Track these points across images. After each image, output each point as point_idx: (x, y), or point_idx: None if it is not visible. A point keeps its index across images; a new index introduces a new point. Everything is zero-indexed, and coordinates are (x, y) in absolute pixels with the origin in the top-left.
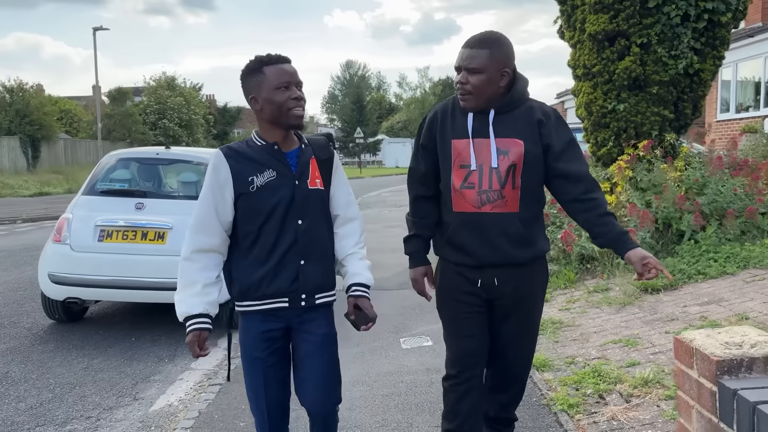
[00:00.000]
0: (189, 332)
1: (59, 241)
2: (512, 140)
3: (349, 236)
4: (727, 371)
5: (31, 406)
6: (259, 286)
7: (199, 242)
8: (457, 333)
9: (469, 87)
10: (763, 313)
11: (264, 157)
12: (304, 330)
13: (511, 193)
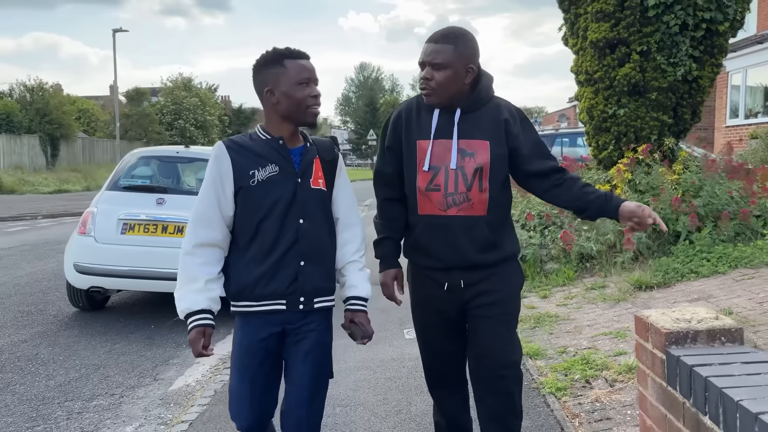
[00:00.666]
0: (191, 329)
1: (84, 234)
2: (478, 141)
3: (349, 243)
4: (675, 342)
5: (60, 383)
6: (255, 286)
7: (201, 236)
8: (426, 345)
9: (433, 83)
10: (747, 308)
11: (267, 151)
12: (297, 334)
13: (478, 195)
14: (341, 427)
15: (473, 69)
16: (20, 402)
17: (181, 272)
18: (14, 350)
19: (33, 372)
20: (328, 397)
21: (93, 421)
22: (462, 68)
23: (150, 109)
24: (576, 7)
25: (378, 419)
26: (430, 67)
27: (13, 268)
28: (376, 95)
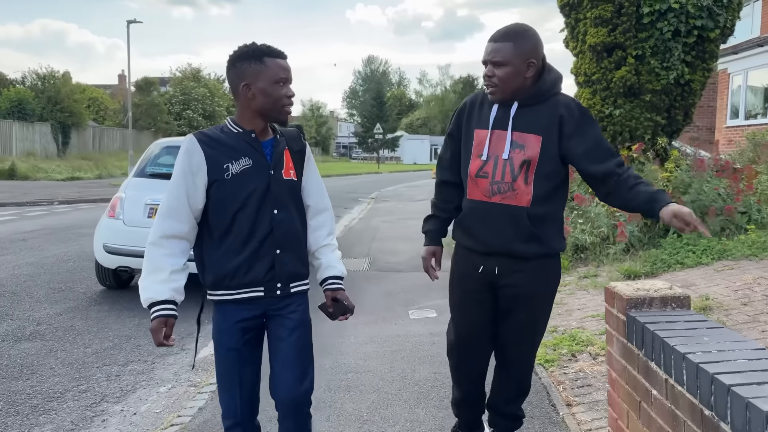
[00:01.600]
0: (153, 318)
1: (113, 217)
2: (531, 135)
3: (321, 227)
4: (634, 306)
5: (96, 351)
6: (234, 275)
7: (169, 228)
8: (458, 318)
9: (495, 80)
10: (723, 295)
11: (240, 144)
12: (279, 316)
13: (523, 187)
14: (353, 389)
15: (534, 63)
16: (63, 365)
17: (146, 262)
18: (51, 322)
19: (71, 341)
20: (340, 364)
21: (130, 383)
22: (522, 64)
23: (159, 99)
24: (576, 12)
25: (385, 383)
26: (492, 65)
27: (38, 249)
28: (383, 89)
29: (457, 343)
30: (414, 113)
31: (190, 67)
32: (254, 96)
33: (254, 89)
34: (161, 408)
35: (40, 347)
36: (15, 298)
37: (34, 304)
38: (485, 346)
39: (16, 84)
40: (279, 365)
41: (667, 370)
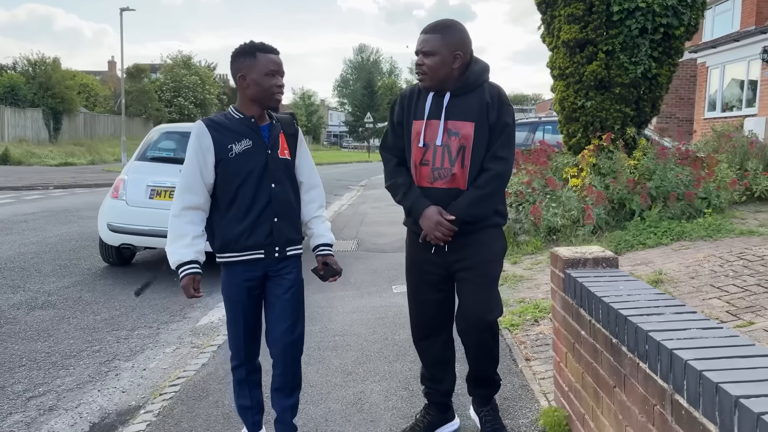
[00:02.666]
0: (183, 277)
1: (116, 197)
2: (463, 123)
3: (312, 201)
4: (571, 266)
5: (105, 318)
6: (238, 239)
7: (188, 200)
8: (414, 300)
9: (424, 68)
10: (675, 270)
11: (241, 128)
12: (277, 276)
13: (460, 171)
14: (339, 348)
15: (461, 55)
16: (76, 330)
17: (170, 231)
18: (61, 293)
19: (81, 309)
20: (328, 329)
21: (138, 345)
22: (449, 54)
23: (150, 86)
24: (552, 9)
25: (368, 344)
26: (422, 54)
27: (40, 230)
28: (375, 78)
29: (414, 330)
30: None
31: (180, 55)
32: (248, 86)
33: (248, 80)
34: (168, 365)
35: (53, 315)
36: (25, 273)
37: (43, 278)
38: (440, 324)
39: (7, 70)
40: (274, 318)
41: (590, 313)
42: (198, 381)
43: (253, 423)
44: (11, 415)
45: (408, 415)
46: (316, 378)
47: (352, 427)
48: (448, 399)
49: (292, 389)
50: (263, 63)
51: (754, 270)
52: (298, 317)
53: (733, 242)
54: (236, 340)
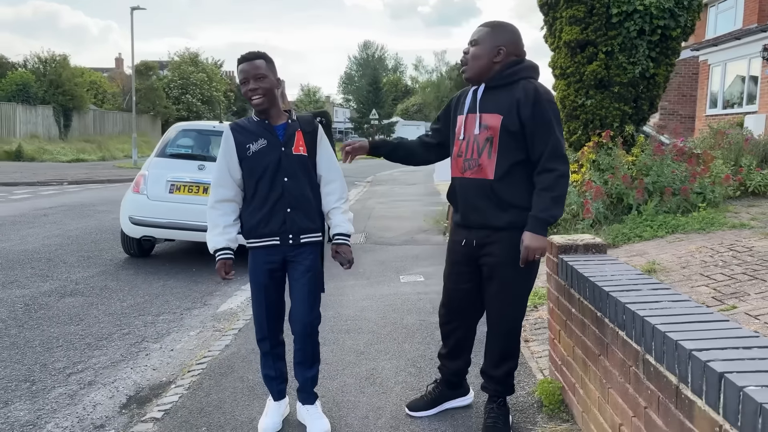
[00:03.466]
0: (217, 261)
1: (138, 192)
2: (493, 115)
3: (331, 194)
4: (564, 251)
5: (131, 305)
6: (257, 227)
7: (219, 194)
8: (447, 285)
9: (468, 56)
10: (668, 261)
11: (258, 129)
12: (294, 261)
13: (487, 161)
14: (352, 331)
15: (503, 51)
16: (105, 315)
17: (208, 222)
18: (87, 282)
19: (107, 296)
20: (341, 315)
21: (164, 328)
22: (492, 47)
23: (158, 84)
24: (554, 11)
25: (378, 327)
26: (469, 44)
27: (60, 224)
28: (379, 74)
29: (442, 306)
30: (410, 99)
31: (188, 52)
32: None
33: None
34: (193, 346)
35: (83, 302)
36: (51, 263)
37: (69, 268)
38: (465, 312)
39: (18, 67)
40: (293, 299)
41: (579, 292)
42: (223, 359)
43: (278, 391)
44: (55, 388)
45: (416, 387)
46: (331, 357)
47: (366, 397)
48: (457, 378)
49: (312, 363)
50: (239, 74)
51: (742, 260)
52: (315, 299)
53: (724, 235)
54: (259, 315)
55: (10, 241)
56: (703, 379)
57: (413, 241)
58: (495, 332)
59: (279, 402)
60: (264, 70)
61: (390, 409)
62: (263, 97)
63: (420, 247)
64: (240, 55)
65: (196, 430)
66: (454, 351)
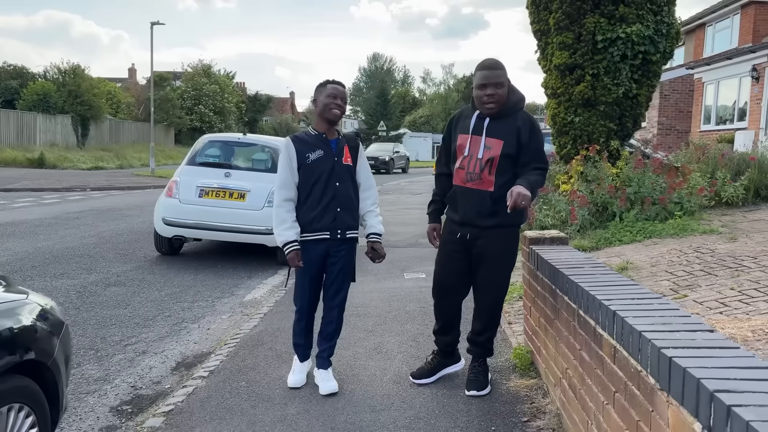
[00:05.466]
0: (289, 252)
1: (171, 196)
2: (496, 140)
3: (367, 198)
4: (534, 243)
5: (168, 294)
6: (311, 223)
7: (285, 195)
8: (437, 269)
9: (496, 97)
10: (641, 260)
11: (316, 141)
12: (336, 254)
13: (488, 177)
14: (361, 316)
15: (508, 86)
16: (147, 301)
17: (275, 218)
18: (127, 275)
19: (146, 287)
20: (351, 302)
21: (199, 312)
22: (508, 85)
23: (172, 94)
24: (546, 37)
25: (384, 312)
26: (494, 86)
27: (93, 226)
28: (388, 87)
29: (435, 286)
30: (417, 111)
31: (201, 64)
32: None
33: (318, 102)
34: (226, 326)
35: (125, 291)
36: (92, 259)
37: (108, 263)
38: (454, 289)
39: (38, 78)
40: (330, 286)
41: (542, 272)
42: (253, 335)
43: (303, 354)
44: (115, 355)
45: (415, 356)
46: (344, 334)
47: (374, 362)
48: (451, 348)
49: (333, 335)
50: (331, 90)
51: (703, 260)
52: (347, 287)
53: (695, 239)
54: (302, 296)
55: (51, 240)
56: (606, 320)
57: (417, 245)
58: (482, 308)
59: (304, 363)
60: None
61: (393, 371)
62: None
63: (423, 250)
64: (332, 79)
65: (237, 383)
66: (446, 327)
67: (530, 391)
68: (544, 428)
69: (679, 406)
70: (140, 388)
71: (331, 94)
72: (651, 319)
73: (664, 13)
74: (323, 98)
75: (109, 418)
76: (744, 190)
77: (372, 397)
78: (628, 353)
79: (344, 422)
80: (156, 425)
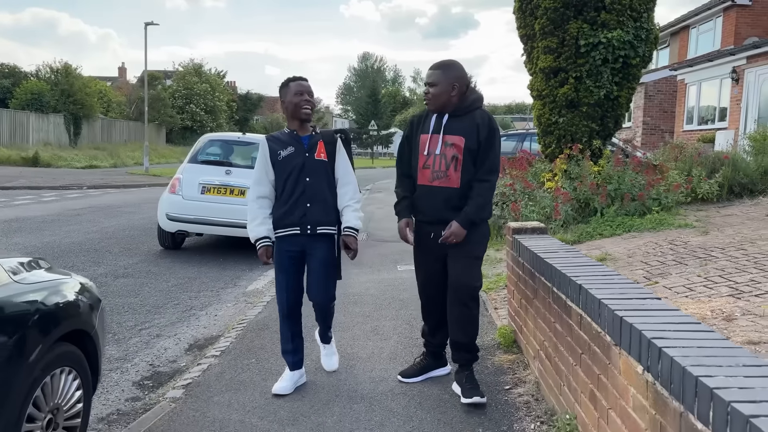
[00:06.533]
0: (259, 248)
1: (174, 192)
2: (457, 137)
3: (345, 194)
4: (517, 233)
5: (174, 284)
6: (282, 219)
7: (258, 191)
8: (418, 270)
9: (429, 95)
10: (619, 252)
11: (288, 139)
12: (311, 251)
13: (454, 174)
14: (358, 303)
15: (457, 86)
16: (155, 291)
17: (248, 214)
18: (133, 267)
19: (153, 278)
20: (348, 292)
21: (206, 301)
22: (448, 86)
23: (163, 93)
24: (532, 41)
25: (379, 299)
26: (428, 85)
27: (95, 222)
28: (378, 86)
29: (420, 287)
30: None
31: (192, 63)
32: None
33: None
34: (232, 313)
35: (134, 282)
36: (98, 253)
37: (115, 257)
38: (440, 287)
39: (31, 77)
40: (309, 284)
41: (523, 258)
42: (258, 320)
43: (292, 363)
44: (132, 338)
45: (409, 337)
46: (343, 319)
47: (371, 342)
48: (440, 349)
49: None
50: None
51: (676, 251)
52: (328, 283)
53: (670, 233)
54: (281, 295)
55: (57, 235)
56: (574, 293)
57: None
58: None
59: (294, 372)
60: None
61: (389, 349)
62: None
63: None
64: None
65: (247, 360)
66: (435, 328)
67: (512, 365)
68: (525, 394)
69: (627, 355)
70: (158, 366)
71: (298, 91)
72: (610, 291)
73: (644, 20)
74: (291, 98)
75: (133, 391)
76: (718, 187)
77: (371, 371)
78: (590, 319)
79: (347, 390)
80: (177, 396)
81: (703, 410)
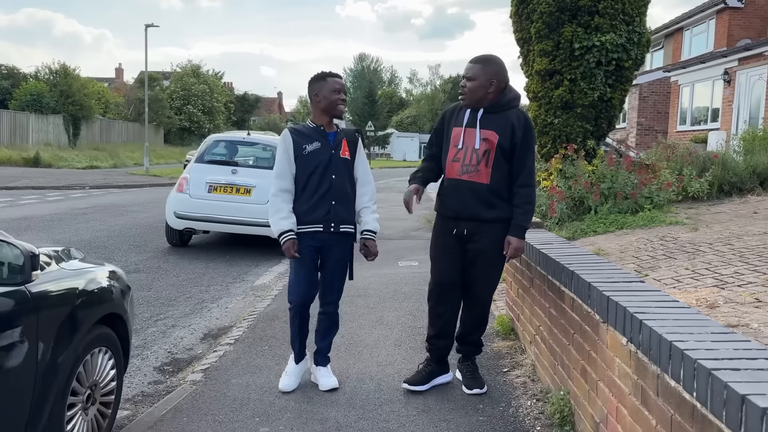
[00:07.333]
0: (285, 242)
1: (182, 191)
2: (491, 132)
3: (364, 195)
4: None
5: (185, 279)
6: (305, 215)
7: (281, 185)
8: (435, 268)
9: (466, 89)
10: (612, 248)
11: (314, 134)
12: (329, 250)
13: (484, 169)
14: (362, 296)
15: (495, 83)
16: (167, 286)
17: (271, 208)
18: (144, 263)
19: (163, 273)
20: (352, 286)
21: (216, 294)
22: (486, 81)
23: (161, 94)
24: (528, 45)
25: (382, 293)
26: (465, 78)
27: (102, 221)
28: (375, 87)
29: (435, 287)
30: (404, 111)
31: (190, 64)
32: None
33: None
34: (242, 305)
35: (145, 277)
36: (108, 250)
37: (124, 253)
38: (455, 290)
39: (30, 78)
40: (325, 282)
41: (527, 255)
42: (268, 312)
43: (299, 354)
44: (149, 329)
45: (412, 326)
46: (349, 311)
47: (376, 331)
48: (445, 353)
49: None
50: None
51: (666, 247)
52: (342, 284)
53: (661, 229)
54: (296, 287)
55: (66, 233)
56: (566, 279)
57: (409, 237)
58: (474, 305)
59: (299, 365)
60: None
61: (394, 337)
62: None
63: (415, 241)
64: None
65: (260, 347)
66: (442, 331)
67: (510, 350)
68: (522, 376)
69: (614, 330)
70: (176, 353)
71: (336, 89)
72: (599, 275)
73: (636, 24)
74: (327, 93)
75: (155, 375)
76: (708, 186)
77: (378, 356)
78: (581, 301)
79: (357, 372)
80: (197, 379)
81: (675, 369)
